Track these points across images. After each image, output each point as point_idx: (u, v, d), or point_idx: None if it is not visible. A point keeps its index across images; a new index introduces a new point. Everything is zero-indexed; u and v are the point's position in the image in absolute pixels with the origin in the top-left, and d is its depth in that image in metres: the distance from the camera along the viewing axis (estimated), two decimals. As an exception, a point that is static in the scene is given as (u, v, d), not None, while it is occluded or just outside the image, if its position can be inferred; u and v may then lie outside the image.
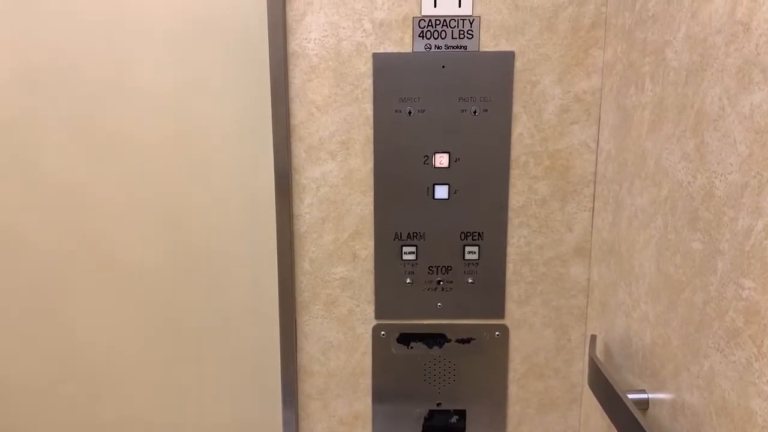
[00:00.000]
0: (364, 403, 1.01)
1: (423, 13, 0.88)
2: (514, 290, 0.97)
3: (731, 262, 0.53)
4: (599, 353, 0.89)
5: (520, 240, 0.95)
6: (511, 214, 0.94)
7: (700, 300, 0.59)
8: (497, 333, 0.98)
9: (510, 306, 0.97)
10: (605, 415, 0.76)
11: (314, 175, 0.93)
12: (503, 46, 0.89)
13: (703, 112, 0.58)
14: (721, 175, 0.55)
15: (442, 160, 0.92)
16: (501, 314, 0.97)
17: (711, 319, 0.57)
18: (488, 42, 0.89)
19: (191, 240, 0.98)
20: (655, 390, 0.70)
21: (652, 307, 0.71)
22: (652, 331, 0.71)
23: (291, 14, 0.88)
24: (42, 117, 0.95)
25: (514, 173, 0.93)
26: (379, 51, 0.89)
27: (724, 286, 0.54)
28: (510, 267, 0.96)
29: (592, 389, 0.81)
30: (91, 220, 0.97)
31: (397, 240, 0.95)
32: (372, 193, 0.94)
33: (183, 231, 0.98)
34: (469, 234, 0.95)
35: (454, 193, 0.94)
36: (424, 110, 0.91)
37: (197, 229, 0.97)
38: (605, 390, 0.75)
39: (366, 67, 0.90)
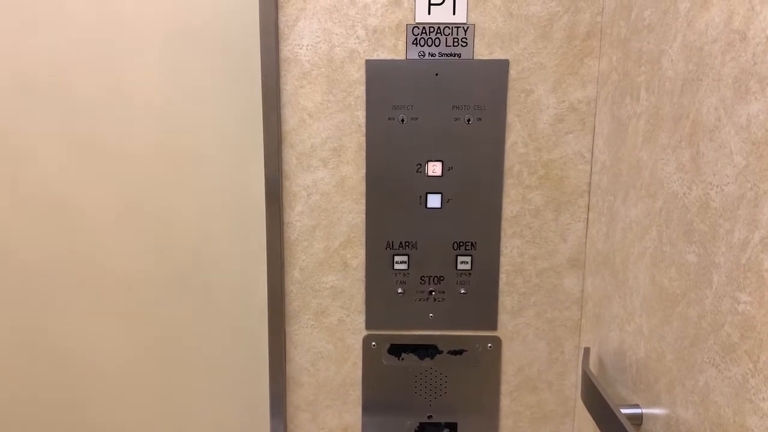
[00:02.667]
0: (353, 415, 0.99)
1: (417, 21, 0.88)
2: (507, 301, 0.95)
3: (727, 275, 0.52)
4: (593, 366, 0.88)
5: (514, 250, 0.94)
6: (504, 224, 0.93)
7: (695, 313, 0.58)
8: (490, 345, 0.96)
9: (503, 317, 0.96)
10: (598, 429, 0.74)
11: (305, 182, 0.92)
12: (497, 55, 0.88)
13: (699, 122, 0.57)
14: (717, 187, 0.54)
15: (435, 168, 0.91)
16: (494, 326, 0.96)
17: (706, 334, 0.56)
18: (482, 50, 0.88)
19: (180, 248, 0.96)
20: (649, 405, 0.69)
21: (646, 320, 0.69)
22: (646, 344, 0.69)
23: (283, 20, 0.87)
24: (31, 125, 0.93)
25: (508, 183, 0.92)
26: (372, 58, 0.89)
27: (720, 300, 0.53)
28: (503, 278, 0.95)
29: (585, 403, 0.79)
30: (80, 228, 0.96)
31: (388, 249, 0.94)
32: (364, 201, 0.93)
33: (172, 239, 0.96)
34: (461, 244, 0.94)
35: (447, 202, 0.92)
36: (417, 118, 0.90)
37: (186, 237, 0.96)
38: (598, 404, 0.73)
39: (359, 74, 0.89)
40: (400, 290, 0.95)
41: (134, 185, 0.95)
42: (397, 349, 0.97)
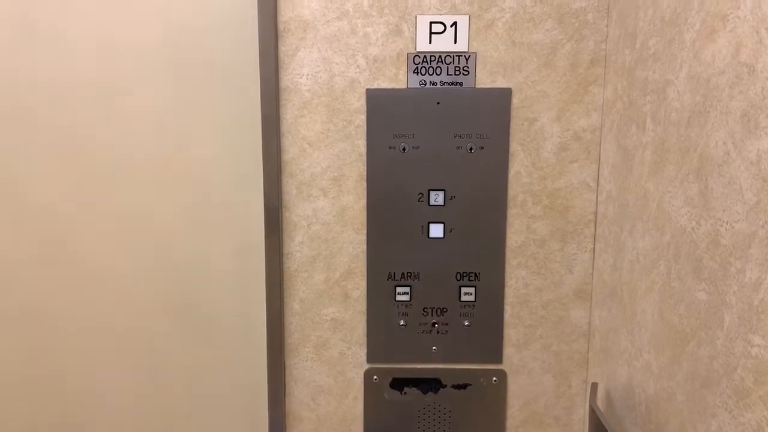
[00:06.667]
0: (355, 451, 0.96)
1: (418, 49, 0.87)
2: (512, 334, 0.93)
3: (739, 316, 0.50)
4: (600, 402, 0.85)
5: (519, 281, 0.92)
6: (508, 254, 0.91)
7: (706, 354, 0.55)
8: (495, 378, 0.94)
9: (508, 350, 0.93)
10: (607, 471, 0.72)
11: (305, 212, 0.91)
12: (500, 83, 0.87)
13: (707, 155, 0.55)
14: (727, 223, 0.52)
15: (437, 197, 0.90)
16: (499, 359, 0.93)
17: (719, 376, 0.53)
18: (484, 78, 0.87)
19: (178, 278, 0.95)
20: (659, 446, 0.66)
21: (655, 357, 0.67)
22: (655, 383, 0.67)
23: (283, 49, 0.87)
24: (30, 157, 0.92)
25: (512, 212, 0.90)
26: (372, 87, 0.87)
27: (732, 342, 0.51)
28: (508, 309, 0.92)
29: (593, 442, 0.76)
30: (78, 257, 0.94)
31: (390, 280, 0.92)
32: (365, 231, 0.91)
33: (170, 269, 0.94)
34: (465, 274, 0.92)
35: (450, 231, 0.90)
36: (418, 147, 0.88)
37: (184, 266, 0.94)
38: (607, 444, 0.71)
39: (359, 103, 0.88)
40: (402, 322, 0.92)
41: (132, 216, 0.93)
42: (399, 383, 0.94)
